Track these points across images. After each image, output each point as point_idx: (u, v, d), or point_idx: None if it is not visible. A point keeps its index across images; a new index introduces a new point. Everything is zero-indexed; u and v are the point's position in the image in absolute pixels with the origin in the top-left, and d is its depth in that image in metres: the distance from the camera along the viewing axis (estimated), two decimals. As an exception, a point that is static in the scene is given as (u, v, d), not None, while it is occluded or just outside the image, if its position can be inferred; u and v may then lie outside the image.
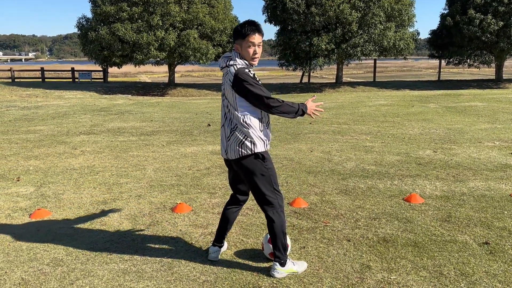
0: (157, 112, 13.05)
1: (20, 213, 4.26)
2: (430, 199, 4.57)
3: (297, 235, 3.67)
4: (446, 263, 3.16)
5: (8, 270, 3.10)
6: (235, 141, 2.93)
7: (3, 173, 5.75)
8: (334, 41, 24.17)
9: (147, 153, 6.97)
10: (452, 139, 7.83)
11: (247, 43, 2.93)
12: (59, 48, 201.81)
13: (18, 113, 12.86)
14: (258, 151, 2.94)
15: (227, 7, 25.87)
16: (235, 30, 3.01)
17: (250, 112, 2.92)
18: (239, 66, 2.93)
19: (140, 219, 4.07)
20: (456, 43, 25.75)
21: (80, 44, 25.88)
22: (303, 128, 9.26)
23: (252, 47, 2.94)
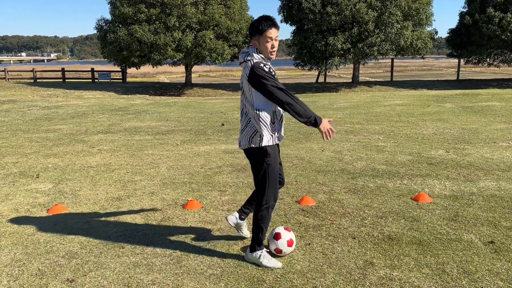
0: (173, 112, 13.27)
1: (38, 208, 4.46)
2: (438, 198, 4.59)
3: (303, 232, 3.75)
4: (449, 261, 3.20)
5: (26, 262, 3.27)
6: (247, 134, 3.12)
7: (23, 170, 5.98)
8: (350, 40, 24.09)
9: (161, 151, 7.13)
10: (466, 139, 7.78)
11: (265, 38, 3.05)
12: (80, 49, 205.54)
13: (39, 113, 13.24)
14: (264, 145, 3.08)
15: (243, 8, 26.02)
16: (251, 26, 3.11)
17: (264, 108, 3.06)
18: (255, 60, 3.06)
19: (152, 215, 4.21)
20: (475, 42, 25.37)
21: (99, 45, 26.39)
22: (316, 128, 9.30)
23: (270, 41, 3.06)
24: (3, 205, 4.54)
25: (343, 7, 23.08)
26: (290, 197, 4.67)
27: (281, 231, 3.27)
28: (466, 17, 25.18)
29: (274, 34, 3.07)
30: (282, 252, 3.25)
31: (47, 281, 2.98)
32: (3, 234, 3.79)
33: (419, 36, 24.57)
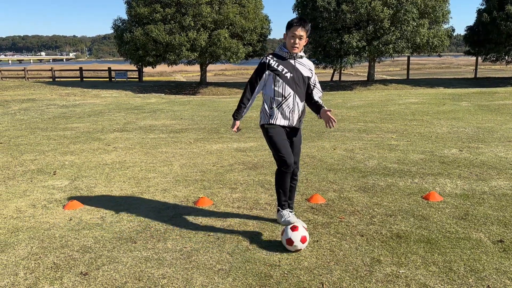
0: (187, 111, 13.41)
1: (55, 204, 4.59)
2: (449, 197, 4.58)
3: (312, 230, 3.79)
4: (456, 259, 3.21)
5: (42, 255, 3.39)
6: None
7: (41, 167, 6.16)
8: (366, 38, 23.93)
9: (175, 149, 7.25)
10: (481, 138, 7.70)
11: (291, 33, 3.50)
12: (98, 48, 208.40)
13: (57, 111, 13.53)
14: (262, 123, 3.63)
15: (257, 6, 26.07)
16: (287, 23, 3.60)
17: (265, 92, 3.63)
18: (271, 52, 3.71)
19: (164, 211, 4.31)
20: (493, 39, 24.94)
21: (116, 44, 26.77)
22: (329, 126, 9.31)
23: (293, 38, 3.49)
24: (21, 201, 4.69)
25: (358, 5, 22.93)
26: (300, 195, 4.71)
27: (299, 225, 3.41)
28: (484, 14, 24.77)
29: (299, 32, 3.46)
30: (293, 244, 3.31)
31: (62, 274, 3.09)
32: (20, 228, 3.93)
33: (435, 33, 24.27)
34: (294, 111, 3.56)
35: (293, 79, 3.52)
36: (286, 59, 3.54)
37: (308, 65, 3.66)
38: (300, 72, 3.57)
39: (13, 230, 3.88)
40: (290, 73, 3.51)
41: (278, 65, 3.50)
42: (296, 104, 3.56)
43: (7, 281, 3.01)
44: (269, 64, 3.51)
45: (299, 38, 3.46)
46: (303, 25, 3.44)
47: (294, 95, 3.54)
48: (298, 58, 3.57)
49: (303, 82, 3.60)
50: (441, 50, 25.36)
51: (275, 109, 3.52)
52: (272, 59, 3.53)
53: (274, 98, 3.52)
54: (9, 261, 3.30)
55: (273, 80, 3.51)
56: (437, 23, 24.96)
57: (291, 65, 3.54)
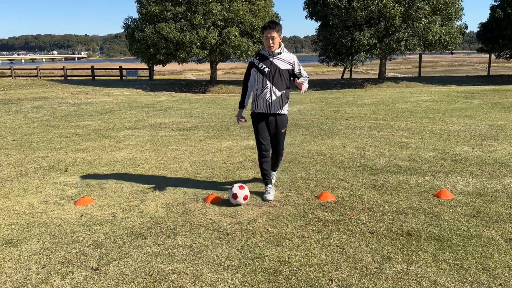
0: (197, 108, 13.45)
1: (66, 200, 4.65)
2: (461, 195, 4.53)
3: (321, 227, 3.78)
4: (468, 257, 3.18)
5: (54, 250, 3.43)
6: None
7: (53, 164, 6.23)
8: (377, 35, 23.76)
9: (185, 147, 7.28)
10: (494, 135, 7.60)
11: (264, 36, 4.30)
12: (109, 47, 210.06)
13: (69, 109, 13.67)
14: (251, 112, 4.55)
15: (267, 4, 26.04)
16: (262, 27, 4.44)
17: (254, 84, 4.47)
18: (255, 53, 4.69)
19: (174, 208, 4.33)
20: (507, 36, 24.58)
21: (127, 43, 26.95)
22: (339, 124, 9.28)
23: (267, 39, 4.26)
24: (33, 197, 4.75)
25: (370, 2, 22.78)
26: (309, 192, 4.70)
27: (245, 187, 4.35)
28: (497, 10, 24.42)
29: (270, 34, 4.21)
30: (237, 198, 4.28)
31: (73, 269, 3.12)
32: (33, 224, 3.98)
33: (447, 31, 24.01)
34: (271, 100, 4.35)
35: (270, 73, 4.32)
36: (266, 57, 4.36)
37: (287, 59, 4.38)
38: (277, 66, 4.32)
39: (26, 226, 3.94)
40: (267, 68, 4.32)
41: (259, 63, 4.36)
42: (273, 94, 4.34)
43: (19, 275, 3.06)
44: (253, 63, 4.41)
45: (271, 39, 4.22)
46: (273, 27, 4.19)
47: (271, 86, 4.32)
48: (276, 55, 4.33)
49: (280, 75, 4.33)
50: (454, 47, 25.09)
51: (256, 98, 4.41)
52: (256, 58, 4.40)
53: (257, 90, 4.41)
54: (21, 256, 3.34)
55: (256, 75, 4.40)
56: (449, 20, 24.69)
57: (269, 62, 4.34)
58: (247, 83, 4.52)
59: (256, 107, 4.43)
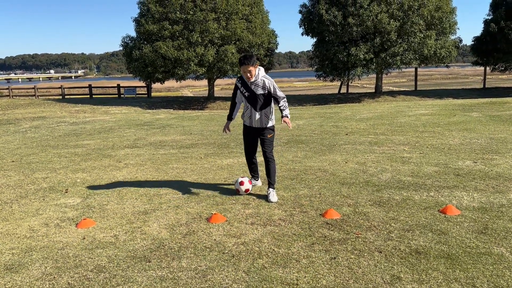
0: (196, 126, 13.44)
1: (67, 222, 4.57)
2: (466, 210, 4.49)
3: (328, 246, 3.72)
4: (479, 276, 3.12)
5: (56, 275, 3.35)
6: None
7: (53, 185, 6.16)
8: (373, 50, 23.97)
9: (185, 165, 7.23)
10: (494, 149, 7.59)
11: (242, 70, 4.89)
12: (106, 65, 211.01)
13: (68, 128, 13.63)
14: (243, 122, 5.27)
15: (264, 22, 26.29)
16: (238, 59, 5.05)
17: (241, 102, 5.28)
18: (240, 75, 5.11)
19: (178, 229, 4.26)
20: (501, 49, 24.86)
21: (125, 61, 27.08)
22: (339, 139, 9.27)
23: (245, 73, 4.88)
24: (34, 220, 4.68)
25: (365, 18, 23.03)
26: (314, 210, 4.65)
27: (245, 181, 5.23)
28: (491, 24, 24.74)
29: (247, 68, 4.80)
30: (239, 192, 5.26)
31: (77, 295, 3.04)
32: (34, 248, 3.90)
33: (442, 44, 24.26)
34: (252, 117, 5.06)
35: (250, 97, 4.98)
36: (246, 82, 4.99)
37: (261, 84, 4.90)
38: (254, 92, 4.94)
39: (27, 250, 3.86)
40: (247, 93, 4.98)
41: (241, 87, 5.04)
42: (253, 113, 5.03)
43: (21, 302, 2.98)
44: (237, 85, 5.11)
45: (249, 72, 4.82)
46: (247, 63, 4.77)
47: (251, 108, 5.02)
48: (253, 82, 4.91)
49: (257, 99, 4.94)
50: (449, 61, 25.30)
51: (244, 114, 5.17)
52: (239, 82, 5.08)
53: (245, 106, 5.11)
54: (23, 282, 3.27)
55: (242, 96, 5.09)
56: (444, 34, 24.97)
57: (248, 87, 4.97)
58: (234, 99, 5.27)
59: (245, 120, 5.22)
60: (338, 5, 24.01)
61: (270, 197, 5.03)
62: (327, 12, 23.82)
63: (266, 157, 5.14)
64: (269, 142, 5.11)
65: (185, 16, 23.85)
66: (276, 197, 5.05)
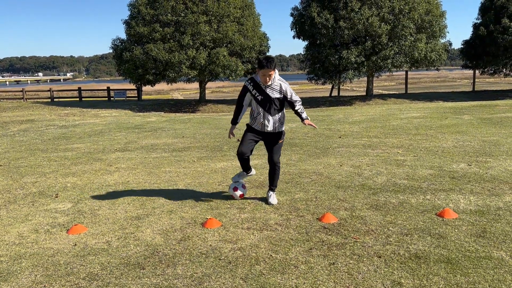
0: (188, 129, 13.32)
1: (58, 228, 4.45)
2: (464, 214, 4.45)
3: (327, 251, 3.66)
4: (480, 280, 3.08)
5: (47, 284, 3.24)
6: None
7: (42, 190, 6.02)
8: (364, 53, 24.06)
9: (178, 169, 7.12)
10: (488, 151, 7.61)
11: (262, 73, 4.53)
12: (95, 68, 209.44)
13: (57, 132, 13.42)
14: (248, 123, 4.94)
15: (256, 25, 26.27)
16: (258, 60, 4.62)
17: (251, 104, 4.84)
18: (251, 76, 4.84)
19: (172, 234, 4.16)
20: (490, 52, 25.12)
21: (115, 64, 26.85)
22: (333, 142, 9.23)
23: (264, 76, 4.54)
24: (23, 226, 4.55)
25: (356, 21, 23.12)
26: (310, 214, 4.58)
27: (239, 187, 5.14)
28: (480, 28, 25.00)
29: (268, 72, 4.48)
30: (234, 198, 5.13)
31: (69, 304, 2.93)
32: (23, 255, 3.78)
33: (433, 48, 24.45)
34: (264, 123, 4.73)
35: (263, 101, 4.65)
36: (259, 85, 4.64)
37: (278, 88, 4.63)
38: (269, 95, 4.62)
39: (16, 257, 3.73)
40: (260, 96, 4.64)
41: (253, 90, 4.67)
42: (266, 118, 4.71)
43: (10, 313, 2.86)
44: (248, 88, 4.71)
45: (269, 76, 4.52)
46: (269, 67, 4.44)
47: (264, 112, 4.69)
48: (269, 85, 4.60)
49: (273, 103, 4.64)
50: (439, 64, 25.50)
51: (253, 119, 4.82)
52: (250, 84, 4.69)
53: (253, 111, 4.79)
54: (12, 291, 3.15)
55: (253, 99, 4.73)
56: (434, 37, 25.16)
57: (262, 90, 4.64)
58: (242, 102, 4.83)
59: (253, 124, 4.85)
60: (330, 8, 24.07)
61: (271, 199, 4.94)
62: (319, 15, 23.86)
63: (274, 163, 4.87)
64: (278, 148, 4.85)
65: (176, 18, 23.73)
66: (276, 200, 4.98)
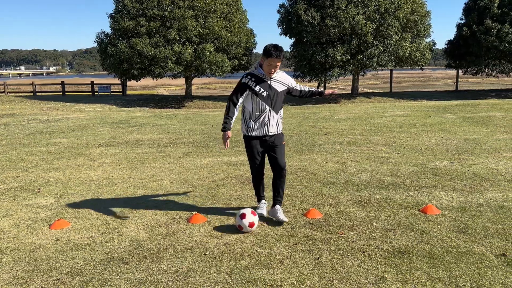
0: (174, 124, 13.24)
1: (40, 223, 4.38)
2: (446, 210, 4.53)
3: (311, 246, 3.68)
4: (462, 275, 3.13)
5: (29, 279, 3.19)
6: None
7: (24, 185, 5.91)
8: (350, 52, 24.21)
9: (163, 164, 7.07)
10: (470, 149, 7.74)
11: (268, 62, 3.96)
12: (79, 62, 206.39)
13: (39, 126, 13.20)
14: (243, 133, 4.24)
15: (242, 21, 26.20)
16: (264, 48, 3.98)
17: (245, 106, 4.15)
18: (248, 71, 4.21)
19: (157, 230, 4.14)
20: (473, 52, 25.52)
21: (100, 58, 26.49)
22: (318, 139, 9.28)
23: (270, 66, 3.98)
24: (4, 221, 4.46)
25: (342, 20, 23.24)
26: (296, 210, 4.60)
27: (247, 213, 3.94)
28: (464, 28, 25.37)
29: (275, 63, 3.95)
30: (242, 229, 3.93)
31: (51, 299, 2.89)
32: (4, 250, 3.71)
33: (417, 47, 24.73)
34: (269, 123, 4.12)
35: (268, 96, 4.07)
36: (262, 79, 4.06)
37: (283, 80, 4.19)
38: (275, 89, 4.11)
39: (-4, 252, 3.66)
40: (266, 92, 4.06)
41: (255, 85, 4.03)
42: (271, 117, 4.13)
43: (-10, 308, 2.81)
44: (248, 84, 4.04)
45: (275, 67, 3.99)
46: (279, 56, 3.91)
47: (270, 110, 4.10)
48: (274, 77, 4.10)
49: (278, 97, 4.13)
50: (424, 63, 25.81)
51: (252, 122, 4.12)
52: (251, 79, 4.04)
53: (252, 112, 4.10)
54: (-8, 286, 3.09)
55: (251, 97, 4.07)
56: (419, 37, 25.46)
57: (267, 85, 4.07)
58: (236, 104, 4.08)
59: (252, 130, 4.12)
60: (317, 6, 24.14)
61: (280, 215, 4.17)
62: (305, 13, 23.92)
63: (281, 168, 4.20)
64: (283, 149, 4.25)
65: (162, 13, 23.52)
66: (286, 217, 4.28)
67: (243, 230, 3.93)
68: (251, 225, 3.91)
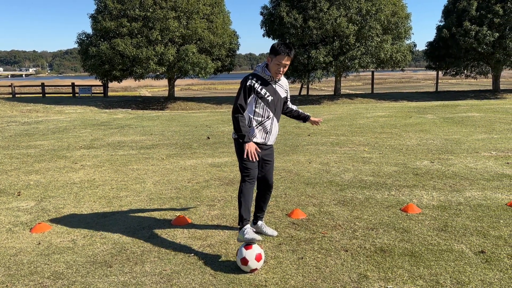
0: (156, 126, 13.14)
1: (21, 227, 4.30)
2: (427, 209, 4.61)
3: (295, 246, 3.71)
4: (442, 272, 3.20)
5: (9, 284, 3.13)
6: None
7: (4, 188, 5.80)
8: (332, 53, 24.41)
9: (146, 166, 7.02)
10: (449, 149, 7.90)
11: (277, 61, 3.51)
12: (59, 63, 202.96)
13: (19, 128, 12.95)
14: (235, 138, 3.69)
15: (225, 22, 26.14)
16: (272, 46, 3.57)
17: (248, 110, 3.63)
18: (253, 72, 3.67)
19: (140, 232, 4.11)
20: (452, 54, 26.00)
21: (80, 59, 26.11)
22: (302, 140, 9.34)
23: (279, 66, 3.53)
24: (-17, 225, 4.37)
25: (324, 21, 23.42)
26: (280, 210, 4.63)
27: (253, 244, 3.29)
28: (443, 30, 25.82)
29: (285, 62, 3.51)
30: (248, 263, 3.17)
31: (32, 304, 2.85)
32: (-17, 255, 3.64)
33: (398, 49, 25.07)
34: (271, 131, 3.71)
35: (273, 102, 3.67)
36: (268, 82, 3.65)
37: (284, 85, 3.83)
38: (279, 94, 3.72)
39: (-25, 257, 3.59)
40: (271, 97, 3.64)
41: (261, 89, 3.60)
42: (273, 125, 3.72)
43: (-30, 314, 2.75)
44: (254, 87, 3.58)
45: (284, 67, 3.55)
46: (290, 55, 3.49)
47: (273, 117, 3.69)
48: (277, 81, 3.71)
49: (281, 104, 3.77)
50: (404, 65, 26.18)
51: (254, 128, 3.64)
52: (257, 82, 3.60)
53: (254, 117, 3.63)
54: (-29, 292, 3.03)
55: (254, 101, 3.61)
56: (399, 39, 25.82)
57: (272, 89, 3.66)
58: (245, 110, 3.60)
59: (253, 136, 3.65)
60: (299, 8, 24.29)
61: (269, 230, 3.99)
62: (287, 15, 24.03)
63: (269, 185, 3.88)
64: (273, 167, 3.90)
65: (144, 13, 23.33)
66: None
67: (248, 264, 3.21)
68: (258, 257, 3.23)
